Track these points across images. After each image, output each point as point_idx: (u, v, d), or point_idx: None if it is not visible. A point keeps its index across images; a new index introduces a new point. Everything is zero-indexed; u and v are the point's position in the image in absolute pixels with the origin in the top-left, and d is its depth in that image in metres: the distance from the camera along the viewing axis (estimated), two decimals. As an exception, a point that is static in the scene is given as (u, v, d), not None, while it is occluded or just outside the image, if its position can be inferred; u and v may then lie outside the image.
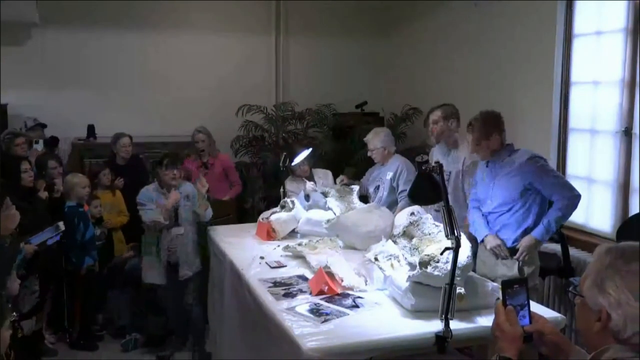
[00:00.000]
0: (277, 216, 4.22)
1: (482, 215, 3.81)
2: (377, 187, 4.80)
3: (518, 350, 1.70)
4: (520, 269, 3.60)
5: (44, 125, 6.22)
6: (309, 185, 4.75)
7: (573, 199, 3.56)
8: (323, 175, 5.15)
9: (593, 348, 1.58)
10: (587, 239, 4.53)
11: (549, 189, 3.56)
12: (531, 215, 3.62)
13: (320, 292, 3.00)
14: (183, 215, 4.52)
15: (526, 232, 3.62)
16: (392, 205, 4.55)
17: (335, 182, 4.96)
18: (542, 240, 3.63)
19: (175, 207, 4.47)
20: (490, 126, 3.68)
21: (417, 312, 2.74)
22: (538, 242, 3.61)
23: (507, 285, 1.80)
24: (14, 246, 3.22)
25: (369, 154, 4.84)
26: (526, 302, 1.78)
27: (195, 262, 4.61)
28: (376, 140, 4.77)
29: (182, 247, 4.52)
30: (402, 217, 3.46)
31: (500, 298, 2.79)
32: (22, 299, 4.00)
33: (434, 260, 2.73)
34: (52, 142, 6.12)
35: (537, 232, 3.59)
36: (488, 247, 3.71)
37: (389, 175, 4.73)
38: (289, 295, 3.03)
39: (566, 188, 3.58)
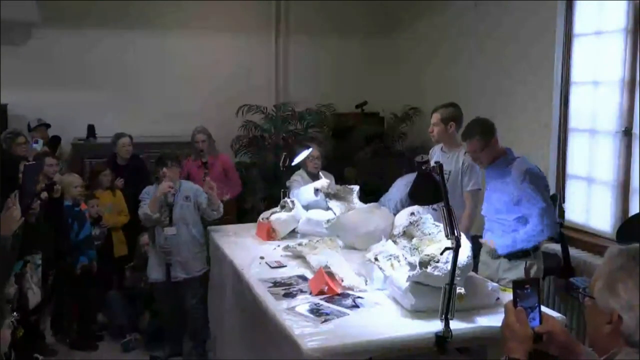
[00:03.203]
0: (277, 216, 4.21)
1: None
2: None
3: (527, 351, 1.68)
4: (527, 271, 3.59)
5: (47, 125, 6.23)
6: (323, 182, 4.63)
7: (540, 234, 3.54)
8: (328, 178, 5.13)
9: (602, 351, 1.56)
10: (587, 239, 4.53)
11: (529, 210, 3.53)
12: (522, 226, 3.59)
13: (320, 292, 3.00)
14: (178, 215, 4.49)
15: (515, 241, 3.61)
16: None
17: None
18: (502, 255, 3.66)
19: (170, 205, 4.47)
20: (487, 133, 3.65)
21: (417, 312, 2.73)
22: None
23: (518, 285, 1.76)
24: (14, 248, 3.21)
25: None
26: (537, 304, 1.75)
27: (195, 265, 4.59)
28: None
29: (175, 248, 4.50)
30: (402, 217, 3.46)
31: (500, 297, 2.81)
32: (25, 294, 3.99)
33: (434, 260, 2.73)
34: (54, 142, 6.13)
35: (502, 246, 3.63)
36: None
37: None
38: (289, 295, 3.03)
39: (542, 221, 3.51)
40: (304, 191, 4.52)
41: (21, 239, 3.22)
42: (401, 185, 4.57)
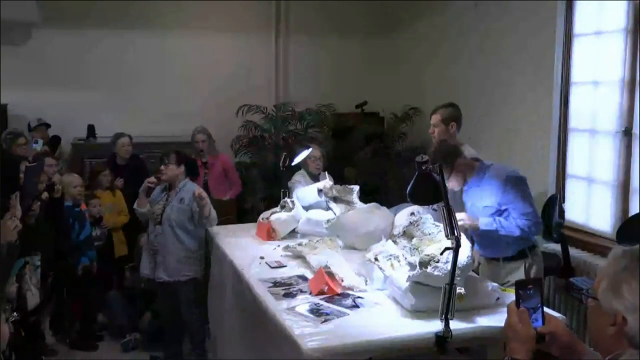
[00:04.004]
0: (277, 216, 4.21)
1: None
2: None
3: (530, 352, 1.67)
4: (527, 271, 3.57)
5: (47, 125, 6.23)
6: (325, 183, 4.55)
7: (521, 232, 3.42)
8: (327, 178, 5.12)
9: (605, 352, 1.55)
10: (587, 239, 4.53)
11: (519, 212, 3.43)
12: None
13: (320, 292, 3.00)
14: (166, 215, 4.44)
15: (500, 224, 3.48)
16: None
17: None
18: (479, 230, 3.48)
19: (163, 204, 4.46)
20: (448, 158, 3.50)
21: (417, 312, 2.74)
22: (477, 228, 3.47)
23: (521, 286, 1.76)
24: (12, 251, 3.20)
25: None
26: (539, 305, 1.74)
27: (179, 269, 4.44)
28: None
29: (161, 248, 4.46)
30: (402, 217, 3.46)
31: (500, 297, 2.80)
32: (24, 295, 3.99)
33: (434, 260, 2.73)
34: (54, 142, 6.13)
35: (484, 223, 3.44)
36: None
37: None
38: (289, 295, 3.03)
39: (533, 219, 3.44)
40: (306, 193, 4.51)
41: (20, 242, 3.22)
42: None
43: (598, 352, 1.62)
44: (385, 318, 2.76)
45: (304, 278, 3.28)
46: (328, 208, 4.25)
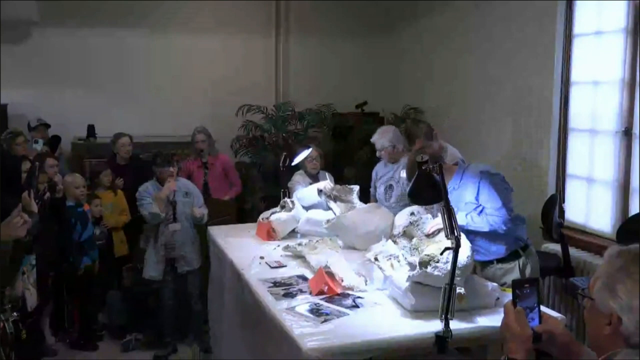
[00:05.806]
0: (277, 216, 4.22)
1: None
2: (390, 186, 4.66)
3: (527, 352, 1.67)
4: (522, 271, 3.56)
5: (47, 125, 6.23)
6: (326, 183, 4.54)
7: (499, 230, 3.34)
8: (328, 178, 5.12)
9: (602, 351, 1.56)
10: (587, 239, 4.53)
11: (492, 207, 3.34)
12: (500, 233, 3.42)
13: (320, 292, 3.00)
14: (180, 211, 4.67)
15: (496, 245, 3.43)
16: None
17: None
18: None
19: (173, 202, 4.54)
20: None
21: (417, 312, 2.74)
22: None
23: (518, 285, 1.76)
24: (19, 249, 3.20)
25: (377, 154, 4.72)
26: (536, 305, 1.75)
27: (194, 258, 4.78)
28: (384, 139, 4.64)
29: (180, 244, 4.69)
30: (402, 217, 3.46)
31: (500, 297, 2.80)
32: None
33: (434, 260, 2.73)
34: (54, 142, 6.13)
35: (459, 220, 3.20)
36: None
37: (404, 172, 4.61)
38: (289, 295, 3.03)
39: (503, 216, 3.33)
40: (306, 194, 4.51)
41: (22, 242, 3.21)
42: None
43: (595, 351, 1.62)
44: (385, 318, 2.76)
45: (304, 278, 3.29)
46: (328, 208, 4.25)
